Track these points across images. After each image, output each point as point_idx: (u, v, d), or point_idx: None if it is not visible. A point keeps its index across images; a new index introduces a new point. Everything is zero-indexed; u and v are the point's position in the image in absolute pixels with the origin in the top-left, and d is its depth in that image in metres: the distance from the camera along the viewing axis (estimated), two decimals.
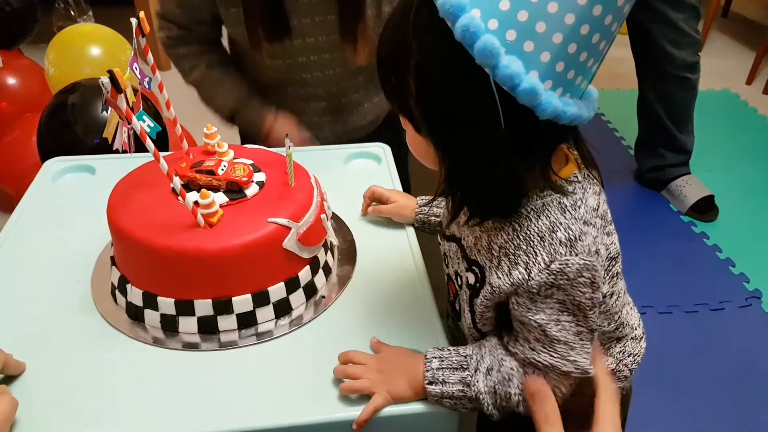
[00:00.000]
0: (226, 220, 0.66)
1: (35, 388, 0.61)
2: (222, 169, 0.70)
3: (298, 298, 0.70)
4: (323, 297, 0.72)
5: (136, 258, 0.67)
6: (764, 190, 2.00)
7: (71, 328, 0.68)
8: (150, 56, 0.71)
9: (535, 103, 0.47)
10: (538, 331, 0.56)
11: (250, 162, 0.75)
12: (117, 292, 0.70)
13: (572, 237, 0.54)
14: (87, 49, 1.58)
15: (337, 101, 1.16)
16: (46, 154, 1.25)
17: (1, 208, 1.78)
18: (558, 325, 0.56)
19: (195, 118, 1.22)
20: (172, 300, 0.66)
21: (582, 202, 0.56)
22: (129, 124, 0.62)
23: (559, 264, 0.54)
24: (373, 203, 0.86)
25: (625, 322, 0.68)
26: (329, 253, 0.76)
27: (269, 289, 0.67)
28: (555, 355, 0.57)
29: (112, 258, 0.72)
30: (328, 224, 0.74)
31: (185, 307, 0.66)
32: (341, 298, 0.73)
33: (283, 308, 0.69)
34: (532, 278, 0.54)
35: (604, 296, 0.62)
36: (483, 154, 0.51)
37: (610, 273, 0.62)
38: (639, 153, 1.99)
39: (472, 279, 0.61)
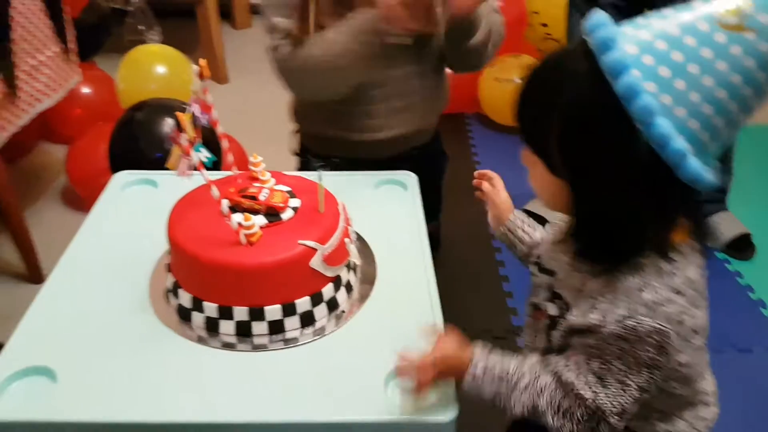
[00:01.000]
0: (263, 239, 0.78)
1: (93, 373, 0.73)
2: (263, 196, 0.82)
3: (321, 311, 0.81)
4: (344, 311, 0.83)
5: (187, 267, 0.79)
6: None
7: (128, 323, 0.80)
8: (209, 96, 0.83)
9: (680, 164, 0.54)
10: (584, 358, 0.62)
11: (288, 189, 0.87)
12: (170, 294, 0.83)
13: (657, 301, 0.59)
14: (153, 67, 1.75)
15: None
16: (115, 162, 1.41)
17: (72, 206, 1.97)
18: (605, 365, 0.61)
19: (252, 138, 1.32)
20: (215, 305, 0.78)
21: (680, 271, 0.61)
22: (188, 156, 0.75)
23: (634, 322, 0.59)
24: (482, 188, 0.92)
25: (702, 390, 0.72)
26: (352, 272, 0.87)
27: (296, 301, 0.79)
28: (582, 380, 0.62)
29: (168, 265, 0.85)
30: (352, 247, 0.85)
31: (225, 312, 0.78)
32: (360, 313, 0.83)
33: (307, 319, 0.80)
34: (606, 326, 0.60)
35: (681, 364, 0.65)
36: (623, 206, 0.57)
37: (692, 345, 0.65)
38: None
39: (553, 311, 0.68)
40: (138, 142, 1.35)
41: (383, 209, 1.03)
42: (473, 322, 1.55)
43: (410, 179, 1.12)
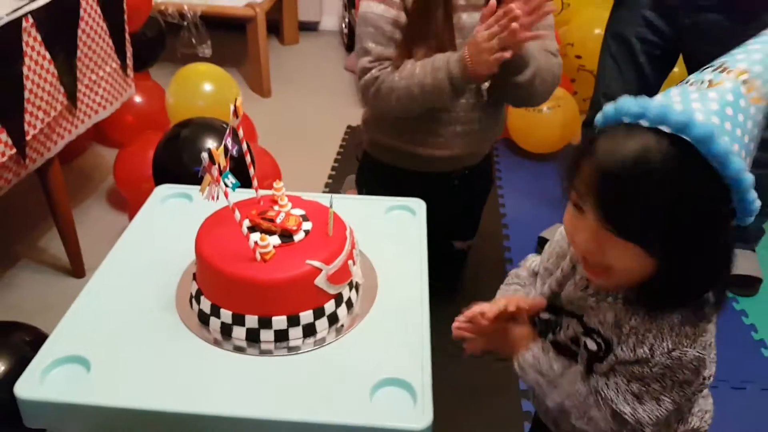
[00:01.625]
0: (276, 257, 0.89)
1: (121, 364, 0.85)
2: (280, 218, 0.94)
3: (322, 324, 0.91)
4: (343, 325, 0.93)
5: (210, 277, 0.91)
6: None
7: (155, 323, 0.92)
8: (240, 131, 0.95)
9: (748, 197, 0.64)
10: (625, 380, 0.73)
11: (302, 213, 0.98)
12: (193, 300, 0.95)
13: (696, 332, 0.70)
14: (201, 85, 1.90)
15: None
16: (158, 172, 1.55)
17: (117, 207, 2.13)
18: (644, 387, 0.72)
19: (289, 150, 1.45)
20: (230, 312, 0.89)
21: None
22: (217, 184, 0.86)
23: (679, 353, 0.69)
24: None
25: (705, 376, 0.82)
26: (353, 290, 0.97)
27: (300, 314, 0.89)
28: (622, 398, 0.73)
29: (194, 274, 0.97)
30: (355, 268, 0.96)
31: (238, 319, 0.89)
32: (357, 327, 0.93)
33: (309, 330, 0.91)
34: (654, 358, 0.70)
35: (705, 378, 0.77)
36: (714, 260, 0.68)
37: (713, 359, 0.78)
38: None
39: (592, 346, 0.78)
40: (181, 157, 1.49)
41: (390, 232, 1.14)
42: None
43: (419, 205, 1.21)
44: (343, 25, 3.56)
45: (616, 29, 1.83)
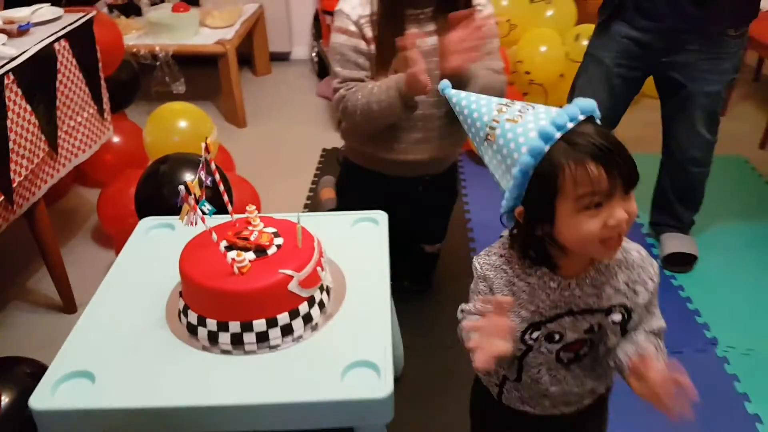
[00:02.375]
0: (252, 270, 1.01)
1: (122, 374, 0.97)
2: (253, 237, 1.06)
3: (298, 324, 1.04)
4: (317, 323, 1.06)
5: (194, 292, 1.03)
6: (749, 251, 2.21)
7: (149, 338, 1.04)
8: (213, 164, 1.07)
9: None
10: (655, 304, 0.94)
11: (274, 230, 1.10)
12: (181, 314, 1.07)
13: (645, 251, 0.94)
14: (176, 123, 2.02)
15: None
16: (140, 207, 1.66)
17: (102, 244, 2.23)
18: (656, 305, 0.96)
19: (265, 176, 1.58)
20: (215, 321, 1.01)
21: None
22: (195, 212, 0.99)
23: (658, 267, 0.94)
24: None
25: None
26: (324, 293, 1.10)
27: (278, 316, 1.02)
28: (660, 320, 0.96)
29: (180, 292, 1.09)
30: (324, 273, 1.08)
31: (223, 326, 1.01)
32: (329, 324, 1.06)
33: (287, 330, 1.03)
34: (655, 280, 0.92)
35: None
36: None
37: None
38: (653, 205, 2.23)
39: (618, 318, 0.92)
40: (161, 190, 1.61)
41: (357, 241, 1.27)
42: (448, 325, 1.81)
43: (381, 217, 1.35)
44: (313, 54, 3.72)
45: (595, 52, 1.98)
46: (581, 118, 0.82)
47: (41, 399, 0.93)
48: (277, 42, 3.80)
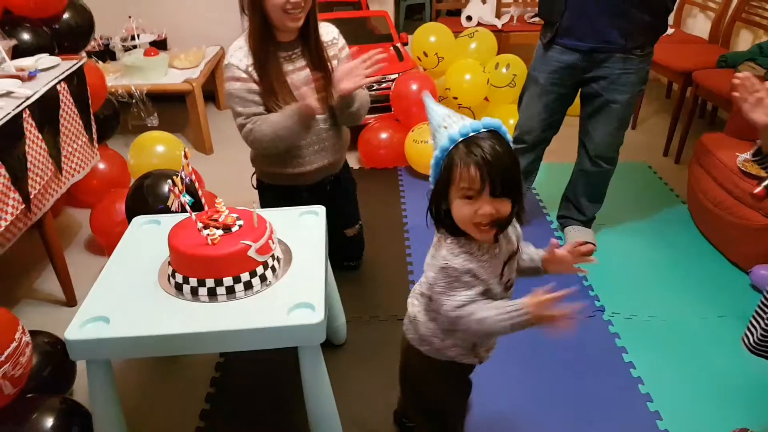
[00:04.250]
0: (221, 242, 1.41)
1: (128, 319, 1.36)
2: (221, 219, 1.47)
3: (256, 281, 1.43)
4: (270, 282, 1.46)
5: (179, 259, 1.43)
6: (641, 239, 2.68)
7: (146, 296, 1.43)
8: (190, 167, 1.48)
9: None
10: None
11: (236, 215, 1.51)
12: (170, 277, 1.46)
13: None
14: (155, 147, 2.42)
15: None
16: (131, 212, 2.05)
17: (93, 251, 2.60)
18: None
19: (227, 190, 1.99)
20: (196, 279, 1.41)
21: None
22: (179, 200, 1.39)
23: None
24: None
25: None
26: (276, 261, 1.50)
27: (241, 275, 1.41)
28: None
29: (169, 262, 1.48)
30: (274, 246, 1.49)
31: (201, 283, 1.40)
32: (278, 282, 1.46)
33: (248, 286, 1.42)
34: (518, 228, 1.28)
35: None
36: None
37: None
38: (562, 201, 2.68)
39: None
40: (147, 199, 2.00)
41: (301, 228, 1.68)
42: (383, 304, 2.24)
43: (321, 210, 1.76)
44: None
45: (533, 72, 2.43)
46: (483, 131, 1.11)
47: (72, 333, 1.31)
48: None
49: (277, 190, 2.16)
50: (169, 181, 1.39)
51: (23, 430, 1.44)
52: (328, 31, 2.06)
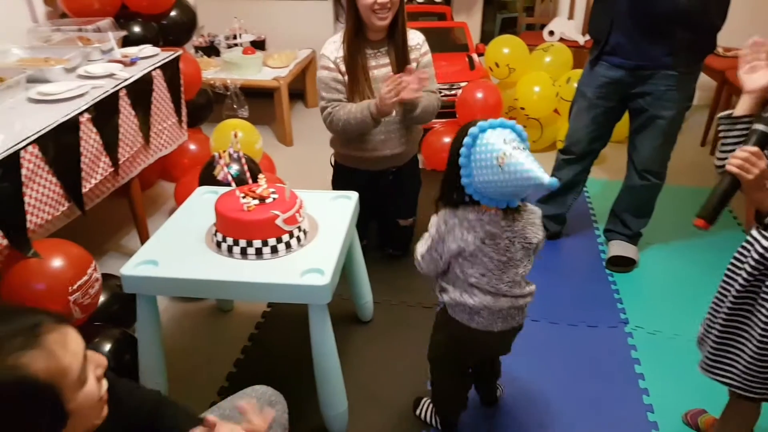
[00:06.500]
0: (255, 210, 1.66)
1: (174, 264, 1.63)
2: (259, 191, 1.71)
3: (282, 247, 1.67)
4: (293, 249, 1.69)
5: (221, 221, 1.68)
6: (680, 261, 2.68)
7: (194, 249, 1.70)
8: (239, 145, 1.74)
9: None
10: None
11: (273, 190, 1.75)
12: (213, 235, 1.72)
13: None
14: (232, 132, 2.73)
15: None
16: (201, 182, 2.36)
17: None
18: None
19: (300, 179, 2.27)
20: (232, 239, 1.66)
21: None
22: (224, 170, 1.65)
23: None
24: None
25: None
26: (301, 232, 1.73)
27: (268, 240, 1.65)
28: None
29: (215, 224, 1.75)
30: (301, 219, 1.71)
31: (236, 242, 1.65)
32: (300, 250, 1.69)
33: (274, 250, 1.66)
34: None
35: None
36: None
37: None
38: (609, 216, 2.74)
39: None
40: (212, 172, 2.30)
41: (333, 210, 1.90)
42: (414, 292, 2.41)
43: (353, 195, 1.98)
44: None
45: (581, 87, 2.54)
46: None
47: (127, 270, 1.60)
48: None
49: (346, 171, 2.48)
50: (216, 154, 1.65)
51: None
52: (413, 37, 2.32)
